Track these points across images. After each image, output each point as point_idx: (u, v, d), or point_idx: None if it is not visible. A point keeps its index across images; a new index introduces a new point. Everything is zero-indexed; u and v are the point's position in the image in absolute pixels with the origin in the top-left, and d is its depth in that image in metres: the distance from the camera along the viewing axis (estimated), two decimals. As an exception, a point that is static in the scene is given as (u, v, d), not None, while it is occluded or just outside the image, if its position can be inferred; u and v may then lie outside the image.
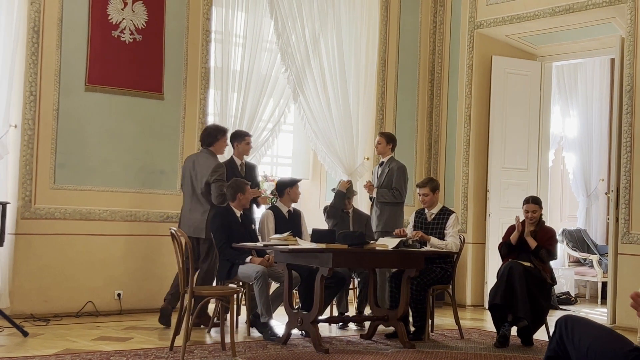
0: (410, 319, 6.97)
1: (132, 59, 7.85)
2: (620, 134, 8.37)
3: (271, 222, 7.25)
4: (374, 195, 7.95)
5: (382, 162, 8.12)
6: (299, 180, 7.62)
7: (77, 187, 7.54)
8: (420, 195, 7.21)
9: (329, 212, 7.86)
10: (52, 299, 7.34)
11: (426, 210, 7.21)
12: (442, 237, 7.01)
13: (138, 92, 7.90)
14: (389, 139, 8.17)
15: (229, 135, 7.53)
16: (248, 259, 6.61)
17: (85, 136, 7.60)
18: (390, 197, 7.88)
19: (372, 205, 8.10)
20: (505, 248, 6.95)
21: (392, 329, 6.72)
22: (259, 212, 8.01)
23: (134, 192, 7.86)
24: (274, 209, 7.41)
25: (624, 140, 8.29)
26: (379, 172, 8.06)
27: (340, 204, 7.87)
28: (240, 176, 7.35)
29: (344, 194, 7.88)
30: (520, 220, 6.92)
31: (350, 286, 7.88)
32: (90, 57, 7.61)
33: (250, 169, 7.76)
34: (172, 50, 8.11)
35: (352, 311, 7.71)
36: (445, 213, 7.16)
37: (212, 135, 7.31)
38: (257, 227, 7.44)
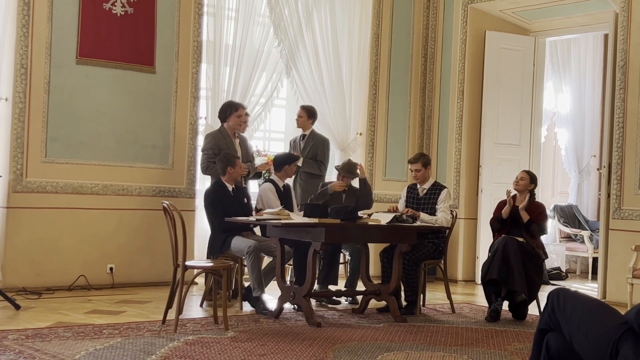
0: (402, 294, 6.99)
1: (124, 32, 7.79)
2: (612, 110, 8.37)
3: (274, 194, 7.23)
4: (300, 164, 7.92)
5: (305, 135, 8.11)
6: (298, 158, 7.61)
7: (69, 160, 7.51)
8: (412, 171, 7.21)
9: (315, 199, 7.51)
10: (44, 272, 7.34)
11: (418, 186, 7.21)
12: (434, 212, 7.02)
13: (130, 66, 7.84)
14: (310, 114, 8.15)
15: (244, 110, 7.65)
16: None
17: (77, 110, 7.56)
18: (317, 170, 7.97)
19: (295, 176, 8.02)
20: (497, 223, 6.97)
21: (383, 303, 6.75)
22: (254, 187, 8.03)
23: (126, 166, 7.83)
24: (271, 182, 7.38)
25: (616, 116, 8.30)
26: (302, 145, 8.05)
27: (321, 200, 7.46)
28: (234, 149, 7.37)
29: (326, 195, 7.44)
30: (512, 195, 6.95)
31: (341, 260, 7.88)
32: (81, 30, 7.55)
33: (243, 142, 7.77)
34: (164, 23, 8.05)
35: (341, 286, 7.73)
36: (437, 188, 7.16)
37: (223, 111, 7.47)
38: (254, 200, 7.43)
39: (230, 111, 7.43)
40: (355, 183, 7.72)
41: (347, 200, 7.48)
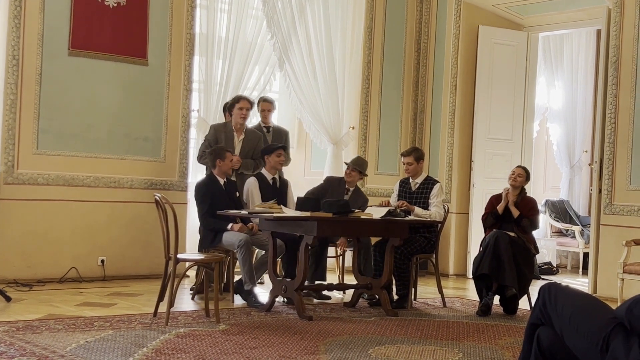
0: (394, 288, 6.99)
1: (116, 24, 7.76)
2: (605, 106, 8.39)
3: (256, 189, 7.20)
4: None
5: (270, 128, 8.14)
6: (277, 147, 7.36)
7: (61, 152, 7.49)
8: (404, 164, 7.20)
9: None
10: (35, 264, 7.32)
11: (410, 180, 7.21)
12: (426, 206, 7.02)
13: (122, 58, 7.82)
14: (274, 106, 8.25)
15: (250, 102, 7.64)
16: (229, 227, 6.60)
17: (69, 101, 7.53)
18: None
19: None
20: (492, 218, 6.97)
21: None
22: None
23: (117, 159, 7.82)
24: (258, 176, 7.36)
25: (608, 111, 8.32)
26: (271, 138, 8.04)
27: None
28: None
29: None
30: (507, 191, 6.96)
31: (333, 254, 7.88)
32: (73, 22, 7.52)
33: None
34: (157, 15, 8.02)
35: (333, 280, 7.74)
36: (430, 182, 7.17)
37: (229, 104, 7.53)
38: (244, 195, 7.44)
39: (233, 103, 7.43)
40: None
41: (351, 200, 7.43)
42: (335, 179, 7.67)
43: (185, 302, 6.67)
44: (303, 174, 9.77)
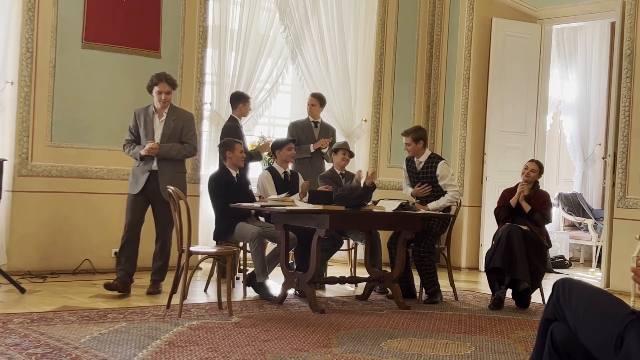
0: (423, 288, 6.91)
1: (130, 17, 7.78)
2: (619, 99, 8.35)
3: (270, 181, 7.21)
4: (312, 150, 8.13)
5: (317, 122, 8.27)
6: (289, 141, 7.40)
7: (74, 144, 7.52)
8: (404, 143, 7.08)
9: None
10: (49, 256, 7.36)
11: (415, 159, 7.09)
12: (434, 183, 6.93)
13: (135, 50, 7.84)
14: (322, 101, 8.33)
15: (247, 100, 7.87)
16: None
17: (82, 94, 7.56)
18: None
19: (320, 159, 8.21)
20: (505, 211, 6.94)
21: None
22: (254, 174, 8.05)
23: (130, 151, 7.83)
24: (270, 169, 7.38)
25: (622, 104, 8.27)
26: (317, 133, 8.20)
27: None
28: (240, 135, 7.40)
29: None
30: (521, 181, 6.93)
31: (345, 247, 7.87)
32: (87, 14, 7.54)
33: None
34: (170, 8, 8.03)
35: (345, 273, 7.74)
36: (434, 160, 7.04)
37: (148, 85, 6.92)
38: (254, 187, 7.45)
39: (152, 85, 6.83)
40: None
41: (347, 181, 7.45)
42: (327, 174, 7.60)
43: (198, 294, 6.69)
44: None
